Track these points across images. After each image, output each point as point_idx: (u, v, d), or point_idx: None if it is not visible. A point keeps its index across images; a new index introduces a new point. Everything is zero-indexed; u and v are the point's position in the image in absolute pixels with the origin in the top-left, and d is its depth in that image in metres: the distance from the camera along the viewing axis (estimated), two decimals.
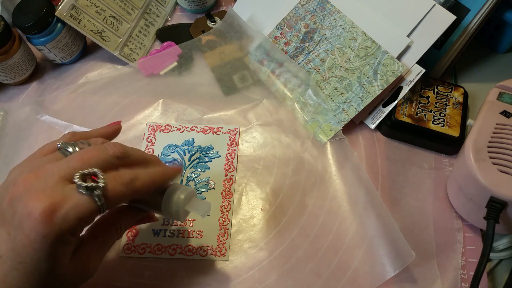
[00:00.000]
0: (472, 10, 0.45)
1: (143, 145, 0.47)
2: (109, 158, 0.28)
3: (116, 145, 0.29)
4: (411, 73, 0.45)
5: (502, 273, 0.39)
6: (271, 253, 0.40)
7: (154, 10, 0.57)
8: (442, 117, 0.44)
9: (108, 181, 0.27)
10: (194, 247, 0.40)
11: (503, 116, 0.39)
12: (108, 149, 0.29)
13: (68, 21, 0.49)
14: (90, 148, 0.29)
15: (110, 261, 0.40)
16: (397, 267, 0.37)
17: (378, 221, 0.39)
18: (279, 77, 0.50)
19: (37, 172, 0.27)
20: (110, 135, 0.34)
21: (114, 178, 0.27)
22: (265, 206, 0.42)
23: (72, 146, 0.29)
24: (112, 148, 0.29)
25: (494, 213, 0.35)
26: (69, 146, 0.29)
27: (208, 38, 0.54)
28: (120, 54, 0.53)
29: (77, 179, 0.26)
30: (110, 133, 0.34)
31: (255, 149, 0.46)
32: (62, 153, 0.29)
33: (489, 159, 0.36)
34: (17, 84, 0.54)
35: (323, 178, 0.44)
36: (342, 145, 0.45)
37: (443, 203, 0.42)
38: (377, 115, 0.46)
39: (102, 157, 0.28)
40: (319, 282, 0.38)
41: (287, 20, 0.51)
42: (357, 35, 0.47)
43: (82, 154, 0.28)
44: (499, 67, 0.52)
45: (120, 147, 0.29)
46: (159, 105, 0.50)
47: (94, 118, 0.49)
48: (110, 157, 0.28)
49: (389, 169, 0.44)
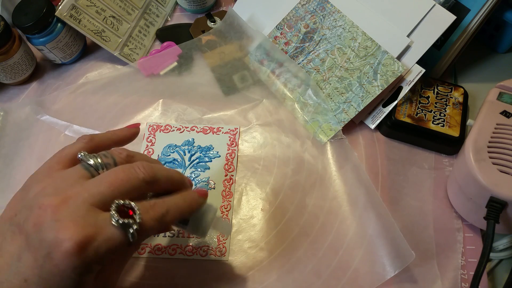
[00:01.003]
0: (472, 10, 0.45)
1: (143, 145, 0.47)
2: (139, 184, 0.27)
3: (145, 167, 0.28)
4: (411, 73, 0.45)
5: (502, 273, 0.39)
6: (271, 253, 0.40)
7: (154, 10, 0.57)
8: (442, 117, 0.44)
9: (142, 216, 0.26)
10: (194, 247, 0.40)
11: (503, 116, 0.39)
12: (138, 172, 0.28)
13: (68, 21, 0.49)
14: (118, 171, 0.27)
15: None
16: (397, 267, 0.37)
17: (378, 221, 0.39)
18: (279, 77, 0.50)
19: (65, 197, 0.25)
20: (128, 139, 0.34)
21: (147, 212, 0.27)
22: (265, 206, 0.42)
23: (94, 159, 0.28)
24: (142, 172, 0.28)
25: (494, 213, 0.35)
26: (90, 158, 0.28)
27: (208, 38, 0.54)
28: (120, 54, 0.53)
29: (113, 212, 0.25)
30: (128, 136, 0.33)
31: (255, 149, 0.46)
32: (85, 168, 0.28)
33: (489, 159, 0.36)
34: (17, 84, 0.54)
35: (323, 178, 0.44)
36: (342, 145, 0.45)
37: (443, 203, 0.42)
38: (377, 115, 0.46)
39: (132, 183, 0.27)
40: (319, 282, 0.38)
41: (287, 20, 0.51)
42: (357, 35, 0.47)
43: (111, 178, 0.27)
44: (499, 67, 0.52)
45: (150, 169, 0.28)
46: (159, 105, 0.50)
47: (94, 118, 0.49)
48: (140, 182, 0.27)
49: (389, 169, 0.44)
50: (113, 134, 0.33)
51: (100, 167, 0.28)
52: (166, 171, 0.30)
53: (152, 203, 0.28)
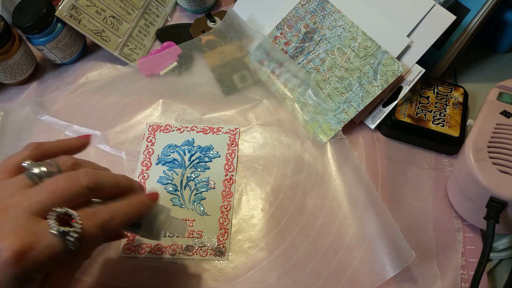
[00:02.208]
0: (472, 10, 0.45)
1: (143, 145, 0.47)
2: (81, 191, 0.27)
3: (88, 174, 0.28)
4: (411, 73, 0.45)
5: (502, 273, 0.39)
6: (271, 253, 0.40)
7: (154, 10, 0.57)
8: (442, 117, 0.44)
9: (83, 223, 0.26)
10: (194, 247, 0.40)
11: (503, 116, 0.39)
12: (81, 179, 0.27)
13: (68, 21, 0.49)
14: (60, 178, 0.27)
15: (110, 261, 0.40)
16: (397, 267, 0.37)
17: (378, 221, 0.39)
18: (279, 77, 0.50)
19: (4, 206, 0.25)
20: (77, 149, 0.33)
21: (89, 219, 0.26)
22: (265, 206, 0.42)
23: (38, 167, 0.28)
24: (84, 178, 0.27)
25: (494, 213, 0.35)
26: (34, 167, 0.28)
27: (208, 38, 0.54)
28: (120, 54, 0.53)
29: (52, 220, 0.25)
30: (76, 146, 0.33)
31: (255, 149, 0.46)
32: (28, 177, 0.27)
33: (489, 159, 0.36)
34: (17, 84, 0.54)
35: (323, 178, 0.44)
36: (342, 145, 0.45)
37: (443, 203, 0.42)
38: (377, 115, 0.46)
39: (74, 190, 0.27)
40: (319, 282, 0.38)
41: (287, 20, 0.51)
42: (357, 35, 0.47)
43: (53, 186, 0.26)
44: (499, 67, 0.52)
45: (93, 176, 0.28)
46: (159, 105, 0.50)
47: (94, 118, 0.49)
48: (83, 189, 0.27)
49: (389, 169, 0.44)
50: (61, 142, 0.32)
51: (44, 175, 0.28)
52: (112, 177, 0.30)
53: (96, 210, 0.27)
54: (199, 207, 0.42)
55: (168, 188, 0.44)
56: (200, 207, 0.42)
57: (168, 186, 0.44)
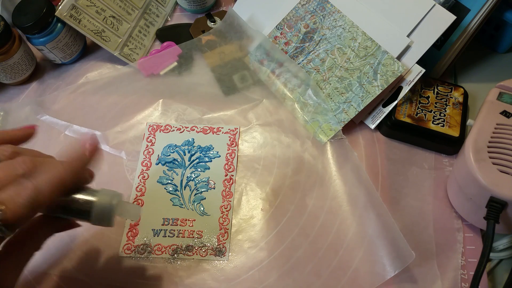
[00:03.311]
0: (472, 10, 0.45)
1: (143, 145, 0.47)
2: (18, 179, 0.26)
3: (26, 162, 0.27)
4: (411, 73, 0.45)
5: (502, 273, 0.39)
6: (271, 253, 0.40)
7: (154, 10, 0.57)
8: (442, 117, 0.44)
9: (6, 205, 0.25)
10: (194, 247, 0.40)
11: (503, 116, 0.39)
12: (17, 167, 0.27)
13: (68, 21, 0.49)
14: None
15: (110, 261, 0.40)
16: (397, 267, 0.37)
17: (378, 221, 0.39)
18: (279, 77, 0.50)
19: None
20: (21, 139, 0.32)
21: (12, 201, 0.25)
22: (265, 206, 0.42)
23: None
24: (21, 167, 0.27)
25: (494, 213, 0.35)
26: None
27: (208, 38, 0.54)
28: (120, 54, 0.53)
29: None
30: (21, 136, 0.32)
31: (255, 149, 0.46)
32: None
33: (489, 159, 0.36)
34: (17, 84, 0.54)
35: (323, 178, 0.44)
36: (342, 145, 0.45)
37: (443, 203, 0.42)
38: (377, 115, 0.46)
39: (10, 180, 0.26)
40: (319, 282, 0.38)
41: (287, 20, 0.51)
42: (357, 35, 0.47)
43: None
44: (499, 67, 0.52)
45: (30, 163, 0.27)
46: (159, 105, 0.50)
47: (94, 118, 0.49)
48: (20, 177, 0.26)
49: (389, 169, 0.44)
50: (5, 133, 0.31)
51: None
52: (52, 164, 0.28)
53: (20, 188, 0.26)
54: (199, 207, 0.42)
55: (168, 188, 0.44)
56: (200, 207, 0.42)
57: (168, 186, 0.44)
